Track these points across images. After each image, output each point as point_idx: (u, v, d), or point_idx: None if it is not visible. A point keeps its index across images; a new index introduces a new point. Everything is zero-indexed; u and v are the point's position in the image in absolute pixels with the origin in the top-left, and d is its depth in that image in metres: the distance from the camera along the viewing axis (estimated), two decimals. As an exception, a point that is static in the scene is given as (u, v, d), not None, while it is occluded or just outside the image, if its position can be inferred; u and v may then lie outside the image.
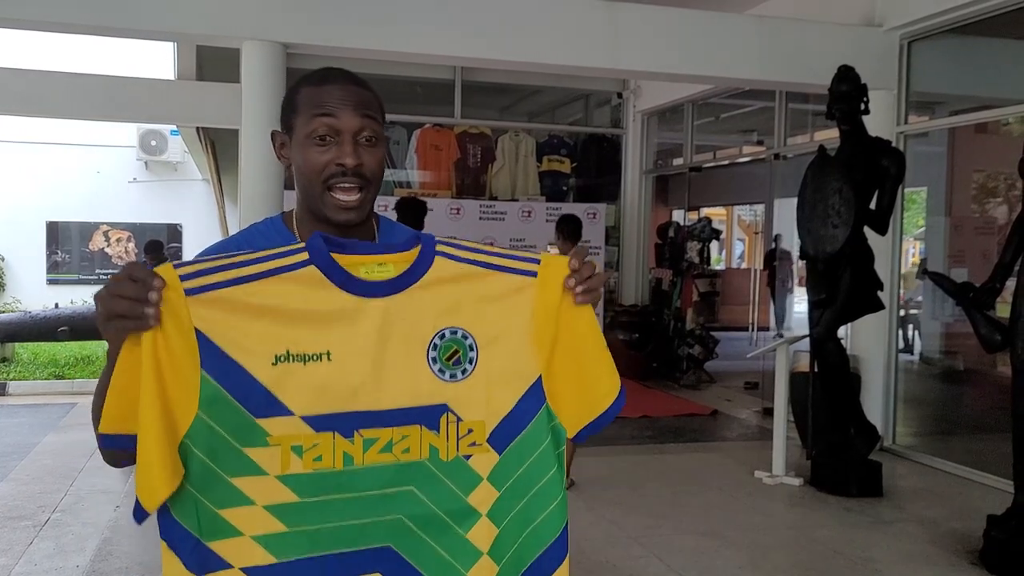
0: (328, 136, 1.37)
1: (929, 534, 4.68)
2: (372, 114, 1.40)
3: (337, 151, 1.37)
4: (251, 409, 1.20)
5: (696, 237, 9.80)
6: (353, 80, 1.42)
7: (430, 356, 1.27)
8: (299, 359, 1.21)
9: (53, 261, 14.06)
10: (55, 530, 4.81)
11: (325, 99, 1.38)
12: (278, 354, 1.20)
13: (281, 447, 1.21)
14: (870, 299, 5.42)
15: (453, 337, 1.29)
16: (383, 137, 1.43)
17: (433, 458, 1.28)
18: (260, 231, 1.51)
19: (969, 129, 7.64)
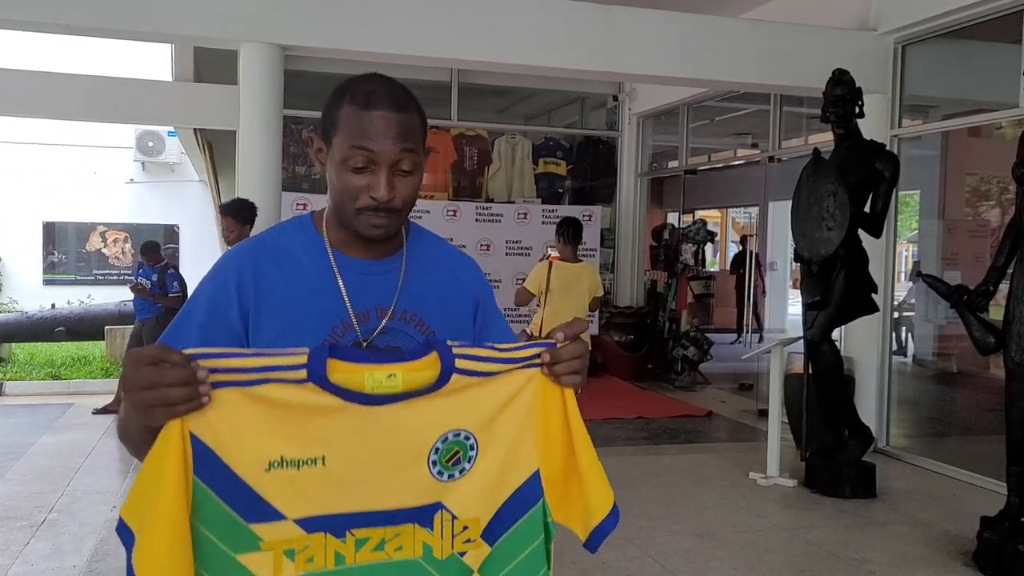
0: (365, 166, 1.34)
1: (923, 535, 4.71)
2: (411, 146, 1.34)
3: (372, 180, 1.34)
4: (243, 515, 1.18)
5: (691, 239, 9.83)
6: (398, 104, 1.35)
7: (431, 460, 1.26)
8: (293, 465, 1.19)
9: (50, 262, 14.05)
10: (52, 530, 4.81)
11: (367, 129, 1.32)
12: (272, 460, 1.19)
13: (274, 552, 1.20)
14: (864, 301, 5.45)
15: (456, 440, 1.28)
16: (422, 164, 1.38)
17: (427, 556, 1.27)
18: (288, 230, 1.47)
19: (962, 133, 7.69)
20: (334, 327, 1.38)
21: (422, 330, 1.44)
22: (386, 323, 1.41)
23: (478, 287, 1.55)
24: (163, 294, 7.93)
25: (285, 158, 7.02)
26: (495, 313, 1.57)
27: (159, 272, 8.05)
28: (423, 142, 1.39)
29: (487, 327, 1.54)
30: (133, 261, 13.12)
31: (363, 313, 1.40)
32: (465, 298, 1.52)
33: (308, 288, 1.39)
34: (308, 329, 1.36)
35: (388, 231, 1.37)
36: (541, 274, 5.61)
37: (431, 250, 1.53)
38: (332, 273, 1.40)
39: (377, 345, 1.40)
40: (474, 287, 1.54)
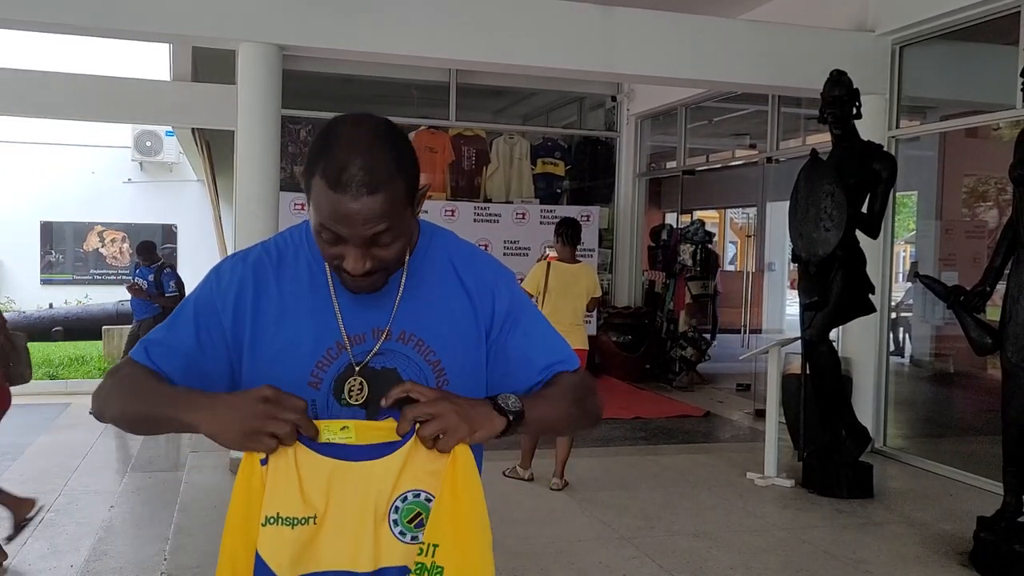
0: (337, 242, 1.28)
1: (920, 535, 4.72)
2: (385, 225, 1.25)
3: (345, 251, 1.28)
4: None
5: (689, 240, 9.84)
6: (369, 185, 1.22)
7: (391, 519, 1.27)
8: (287, 523, 1.24)
9: (47, 261, 14.04)
10: (49, 530, 4.82)
11: (336, 211, 1.23)
12: (268, 516, 1.24)
13: None
14: (862, 302, 5.46)
15: (416, 500, 1.28)
16: (404, 225, 1.29)
17: None
18: (292, 242, 1.43)
19: (959, 133, 7.70)
20: (328, 348, 1.36)
21: (421, 351, 1.38)
22: (381, 345, 1.36)
23: (495, 299, 1.43)
24: (160, 294, 7.93)
25: (283, 158, 7.01)
26: (525, 319, 1.45)
27: (156, 272, 8.05)
28: (409, 199, 1.29)
29: (509, 335, 1.43)
30: (130, 261, 13.11)
31: (358, 335, 1.36)
32: (474, 307, 1.42)
33: (307, 307, 1.37)
34: (304, 350, 1.36)
35: (375, 287, 1.33)
36: (539, 274, 5.62)
37: (438, 257, 1.43)
38: (329, 291, 1.37)
39: (373, 367, 1.36)
40: (486, 293, 1.43)
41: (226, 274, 1.39)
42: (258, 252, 1.42)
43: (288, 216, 7.80)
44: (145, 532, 4.81)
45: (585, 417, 1.46)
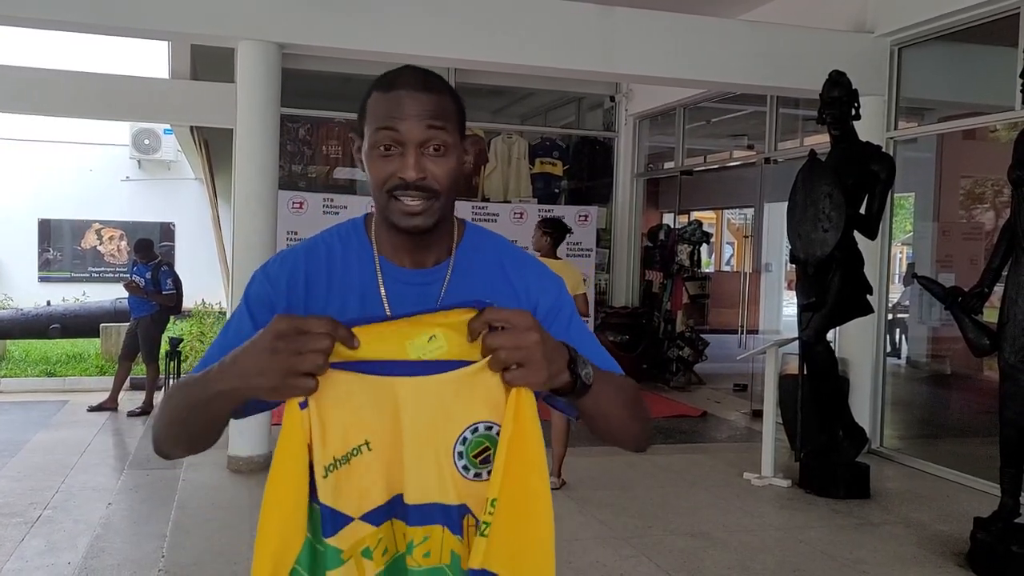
0: (392, 147, 1.28)
1: (916, 536, 4.73)
2: (439, 124, 1.28)
3: (400, 163, 1.28)
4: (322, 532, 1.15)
5: (687, 240, 9.85)
6: (424, 84, 1.30)
7: (456, 451, 1.15)
8: (344, 461, 1.14)
9: (45, 259, 14.03)
10: (47, 527, 4.82)
11: (390, 109, 1.28)
12: (326, 464, 1.13)
13: (354, 559, 1.15)
14: (859, 303, 5.47)
15: (487, 433, 1.15)
16: (455, 145, 1.31)
17: (454, 566, 1.17)
18: (341, 235, 1.41)
19: (957, 135, 7.71)
20: None
21: None
22: None
23: (540, 294, 1.40)
24: (157, 291, 7.92)
25: (282, 156, 7.01)
26: (574, 323, 1.39)
27: (153, 270, 8.04)
28: (459, 126, 1.33)
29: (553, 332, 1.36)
30: (128, 259, 13.11)
31: None
32: (519, 303, 1.37)
33: (355, 296, 1.35)
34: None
35: (426, 218, 1.30)
36: None
37: (484, 253, 1.42)
38: (377, 281, 1.35)
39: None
40: (534, 294, 1.39)
41: (275, 267, 1.37)
42: (306, 246, 1.40)
43: (286, 215, 7.80)
44: (143, 529, 4.81)
45: (640, 419, 1.38)
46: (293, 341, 1.09)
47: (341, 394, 1.13)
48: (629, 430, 1.38)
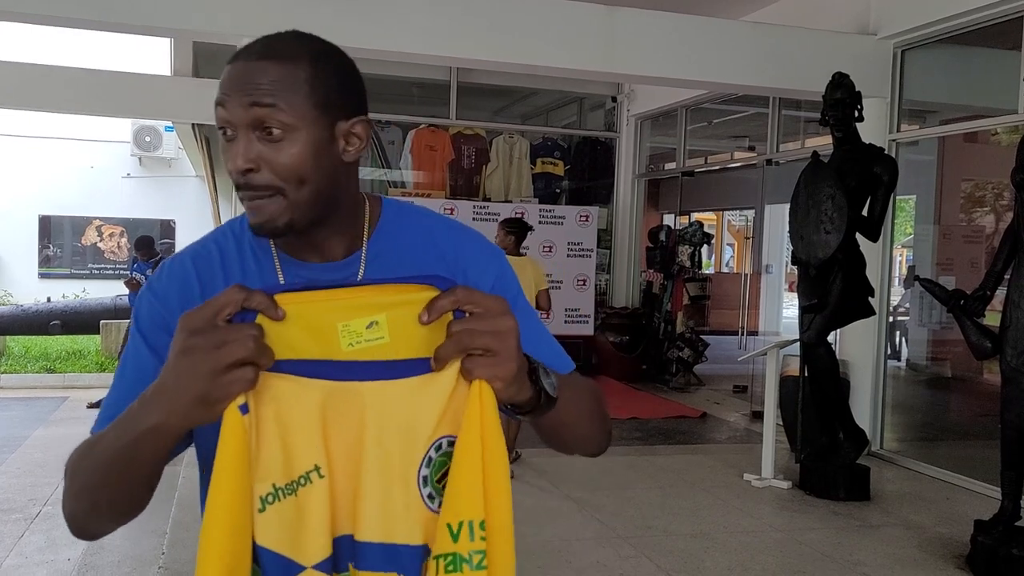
0: (228, 130, 1.06)
1: (916, 538, 4.73)
2: (268, 100, 1.03)
3: (231, 153, 1.05)
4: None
5: (687, 241, 9.85)
6: (262, 51, 1.06)
7: (421, 476, 0.92)
8: (289, 491, 0.90)
9: (45, 255, 14.02)
10: (46, 523, 4.81)
11: (222, 84, 1.07)
12: (263, 495, 0.89)
13: None
14: (861, 305, 5.47)
15: (450, 450, 0.92)
16: (305, 126, 1.05)
17: None
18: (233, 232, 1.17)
19: (959, 138, 7.71)
20: None
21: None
22: None
23: (480, 273, 1.17)
24: (159, 289, 7.90)
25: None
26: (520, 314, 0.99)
27: (153, 267, 8.04)
28: (320, 100, 1.06)
29: None
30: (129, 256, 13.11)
31: None
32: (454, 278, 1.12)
33: None
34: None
35: (277, 219, 1.06)
36: None
37: (409, 228, 1.19)
38: (277, 279, 1.14)
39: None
40: (472, 272, 1.16)
41: (162, 282, 1.14)
42: (193, 250, 1.17)
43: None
44: (143, 526, 4.79)
45: (602, 427, 1.21)
46: (209, 333, 0.87)
47: (282, 405, 0.90)
48: (590, 440, 1.20)
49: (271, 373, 0.89)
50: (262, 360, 0.87)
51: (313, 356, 0.91)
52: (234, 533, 0.87)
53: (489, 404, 0.90)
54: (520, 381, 0.94)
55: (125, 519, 1.05)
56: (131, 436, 0.92)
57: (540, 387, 0.99)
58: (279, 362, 0.89)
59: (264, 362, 0.87)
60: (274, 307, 0.89)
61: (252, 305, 0.89)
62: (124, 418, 0.94)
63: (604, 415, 1.22)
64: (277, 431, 0.89)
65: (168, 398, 0.88)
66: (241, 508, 0.87)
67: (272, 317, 0.89)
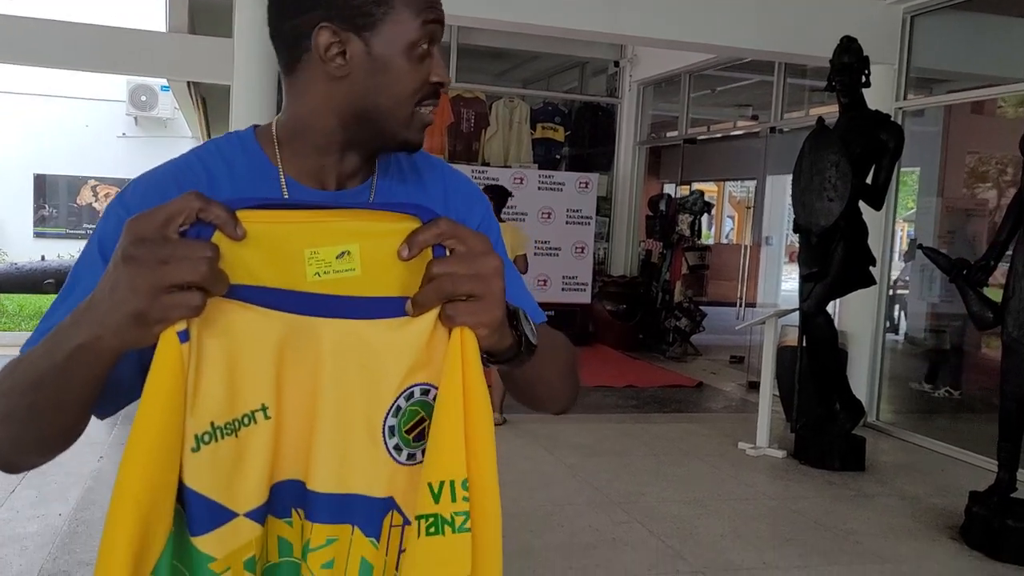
0: (425, 46, 1.02)
1: (911, 509, 4.71)
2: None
3: (432, 65, 1.02)
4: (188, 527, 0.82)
5: (688, 210, 9.77)
6: None
7: (387, 425, 0.85)
8: (228, 431, 0.82)
9: (40, 215, 13.93)
10: (38, 479, 4.78)
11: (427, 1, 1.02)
12: (199, 434, 0.80)
13: (232, 570, 0.83)
14: (862, 274, 5.41)
15: (423, 399, 0.86)
16: None
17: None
18: (225, 151, 1.07)
19: (964, 110, 7.61)
20: None
21: None
22: None
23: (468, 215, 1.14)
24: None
25: (280, 113, 6.90)
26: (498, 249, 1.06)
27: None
28: None
29: None
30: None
31: None
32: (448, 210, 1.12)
33: None
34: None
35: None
36: None
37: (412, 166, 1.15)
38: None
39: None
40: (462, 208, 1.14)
41: (136, 197, 1.01)
42: (176, 166, 1.06)
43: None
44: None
45: (573, 382, 1.15)
46: (157, 244, 0.76)
47: (234, 336, 0.81)
48: (561, 395, 1.13)
49: (224, 299, 0.80)
50: (213, 286, 0.78)
51: (274, 284, 0.82)
52: (157, 470, 0.78)
53: (472, 353, 0.83)
54: (503, 328, 0.88)
55: (52, 452, 0.94)
56: (60, 355, 0.81)
57: (521, 334, 0.92)
58: (235, 287, 0.80)
59: (216, 289, 0.78)
60: (234, 223, 0.80)
61: (209, 217, 0.79)
62: (54, 334, 0.83)
63: (576, 369, 1.16)
64: (223, 364, 0.81)
65: (101, 312, 0.78)
66: (166, 444, 0.78)
67: (230, 235, 0.80)
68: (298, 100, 1.04)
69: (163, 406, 0.78)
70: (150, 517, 0.78)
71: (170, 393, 0.78)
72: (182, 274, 0.76)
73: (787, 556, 3.99)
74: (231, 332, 0.81)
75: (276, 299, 0.82)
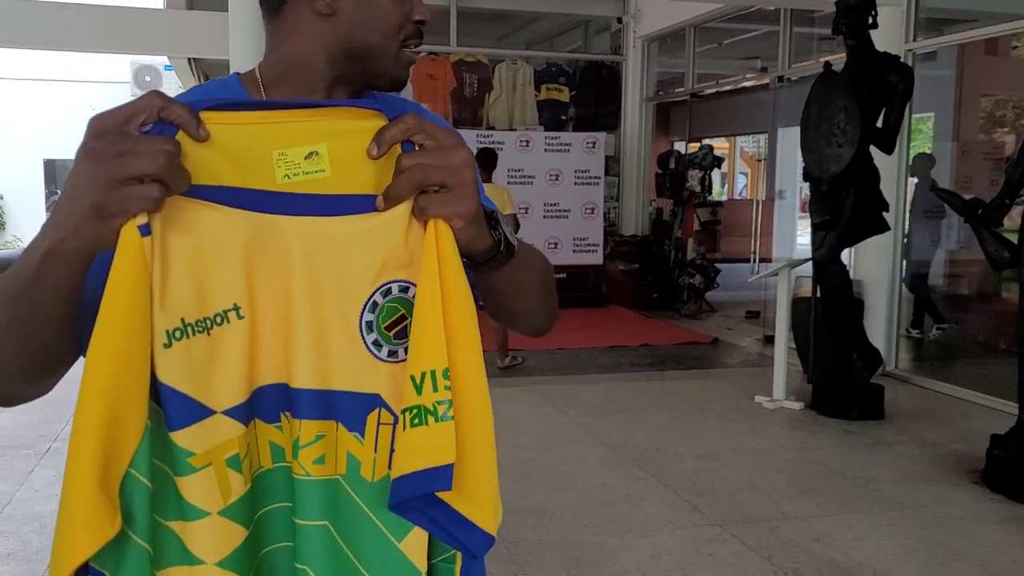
0: None
1: (930, 455, 4.66)
2: None
3: (413, 3, 1.04)
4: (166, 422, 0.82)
5: (697, 165, 9.65)
6: None
7: (364, 321, 0.85)
8: (200, 329, 0.81)
9: (52, 200, 13.99)
10: (56, 458, 4.81)
11: None
12: (170, 330, 0.80)
13: (214, 465, 0.83)
14: (875, 220, 5.32)
15: (401, 296, 0.85)
16: None
17: (351, 474, 0.86)
18: (205, 92, 1.10)
19: (978, 51, 7.44)
20: None
21: None
22: None
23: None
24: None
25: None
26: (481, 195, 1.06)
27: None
28: None
29: None
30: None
31: None
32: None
33: None
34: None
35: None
36: None
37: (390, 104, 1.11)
38: None
39: None
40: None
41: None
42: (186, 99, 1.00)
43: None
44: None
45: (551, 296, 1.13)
46: (115, 138, 0.76)
47: (200, 235, 0.80)
48: (539, 310, 1.13)
49: (190, 199, 0.79)
50: (173, 180, 0.76)
51: (241, 185, 0.82)
52: (124, 363, 0.77)
53: (447, 245, 0.83)
54: (479, 223, 0.88)
55: (38, 379, 0.92)
56: (31, 266, 0.81)
57: (500, 234, 0.92)
58: (202, 187, 0.80)
59: (176, 184, 0.77)
60: (196, 123, 0.79)
61: (171, 116, 0.78)
62: (27, 248, 0.83)
63: (553, 286, 1.15)
64: (189, 261, 0.80)
65: (64, 212, 0.78)
66: (131, 337, 0.77)
67: (193, 135, 0.79)
68: (284, 41, 1.06)
69: (126, 299, 0.77)
70: (118, 410, 0.77)
71: (133, 286, 0.77)
72: (140, 166, 0.75)
73: (805, 506, 3.96)
74: (196, 230, 0.80)
75: (242, 198, 0.81)
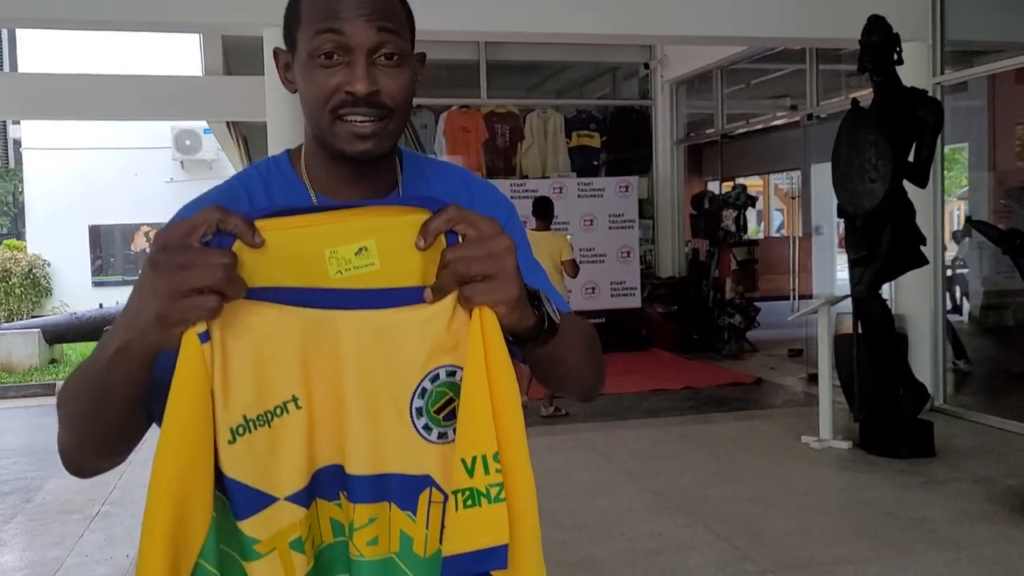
0: (336, 54, 1.05)
1: (985, 492, 4.55)
2: (393, 27, 1.06)
3: (347, 74, 1.05)
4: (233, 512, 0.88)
5: (731, 205, 9.65)
6: None
7: (414, 407, 0.90)
8: (262, 422, 0.87)
9: (98, 264, 14.33)
10: (105, 521, 4.88)
11: (333, 7, 1.05)
12: (233, 427, 0.86)
13: (278, 551, 0.88)
14: (913, 254, 5.26)
15: (449, 380, 0.90)
16: (408, 55, 1.10)
17: (404, 551, 0.92)
18: (260, 174, 1.17)
19: (1010, 79, 7.39)
20: None
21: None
22: None
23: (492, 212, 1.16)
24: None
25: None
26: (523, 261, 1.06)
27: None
28: (411, 35, 1.12)
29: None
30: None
31: None
32: None
33: None
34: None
35: (379, 141, 1.07)
36: None
37: (437, 179, 1.22)
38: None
39: None
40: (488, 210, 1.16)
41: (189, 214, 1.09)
42: (220, 191, 1.17)
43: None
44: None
45: (598, 365, 1.18)
46: (178, 252, 0.83)
47: (258, 335, 0.86)
48: (586, 378, 1.17)
49: (249, 301, 0.86)
50: (229, 290, 0.83)
51: (296, 284, 0.88)
52: (189, 463, 0.83)
53: (492, 331, 0.88)
54: (522, 306, 0.93)
55: (111, 456, 1.02)
56: (103, 359, 0.89)
57: (543, 313, 0.97)
58: (259, 289, 0.86)
59: (233, 293, 0.84)
60: (251, 232, 0.86)
61: (228, 227, 0.85)
62: (100, 342, 0.92)
63: (599, 353, 1.20)
64: (248, 361, 0.86)
65: (131, 316, 0.86)
66: (195, 438, 0.84)
67: (249, 243, 0.86)
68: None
69: (189, 402, 0.83)
70: (185, 507, 0.84)
71: (195, 390, 0.83)
72: (199, 279, 0.82)
73: (858, 549, 3.87)
74: (253, 331, 0.86)
75: (297, 297, 0.88)
